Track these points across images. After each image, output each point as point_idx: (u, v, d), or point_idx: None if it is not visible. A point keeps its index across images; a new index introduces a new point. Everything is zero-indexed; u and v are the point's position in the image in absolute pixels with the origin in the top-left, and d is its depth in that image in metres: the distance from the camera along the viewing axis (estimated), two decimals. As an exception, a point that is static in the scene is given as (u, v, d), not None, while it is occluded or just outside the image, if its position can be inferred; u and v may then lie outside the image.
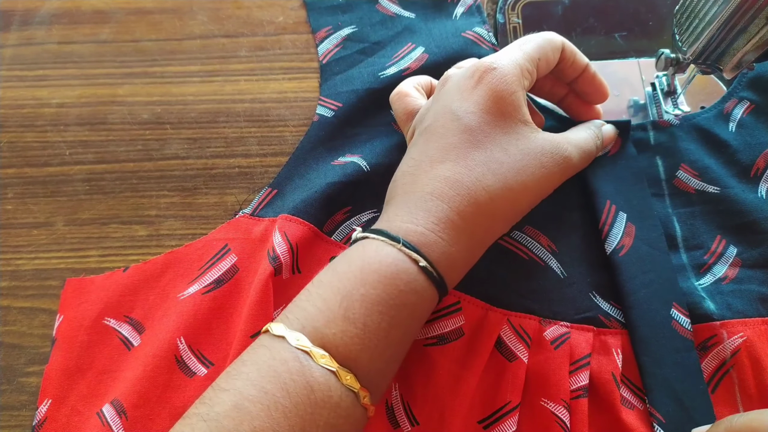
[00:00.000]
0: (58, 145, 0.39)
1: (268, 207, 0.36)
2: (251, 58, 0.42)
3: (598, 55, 0.42)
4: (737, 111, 0.37)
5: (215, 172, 0.38)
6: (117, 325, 0.33)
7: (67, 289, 0.35)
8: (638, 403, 0.30)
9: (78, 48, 0.42)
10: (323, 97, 0.39)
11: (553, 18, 0.43)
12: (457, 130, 0.29)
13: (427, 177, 0.29)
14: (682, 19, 0.34)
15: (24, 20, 0.44)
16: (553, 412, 0.29)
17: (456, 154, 0.29)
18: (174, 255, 0.35)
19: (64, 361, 0.33)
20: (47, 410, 0.32)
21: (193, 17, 0.43)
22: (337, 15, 0.42)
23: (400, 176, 0.30)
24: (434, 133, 0.30)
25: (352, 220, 0.35)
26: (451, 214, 0.28)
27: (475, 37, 0.40)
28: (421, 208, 0.28)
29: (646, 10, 0.43)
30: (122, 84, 0.41)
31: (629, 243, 0.33)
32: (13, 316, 0.35)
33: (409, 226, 0.27)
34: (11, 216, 0.38)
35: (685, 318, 0.31)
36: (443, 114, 0.30)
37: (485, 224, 0.29)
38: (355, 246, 0.28)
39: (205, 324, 0.32)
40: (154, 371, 0.31)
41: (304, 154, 0.37)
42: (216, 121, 0.40)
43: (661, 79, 0.40)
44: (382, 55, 0.40)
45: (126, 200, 0.38)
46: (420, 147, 0.30)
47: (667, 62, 0.37)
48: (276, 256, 0.32)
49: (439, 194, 0.28)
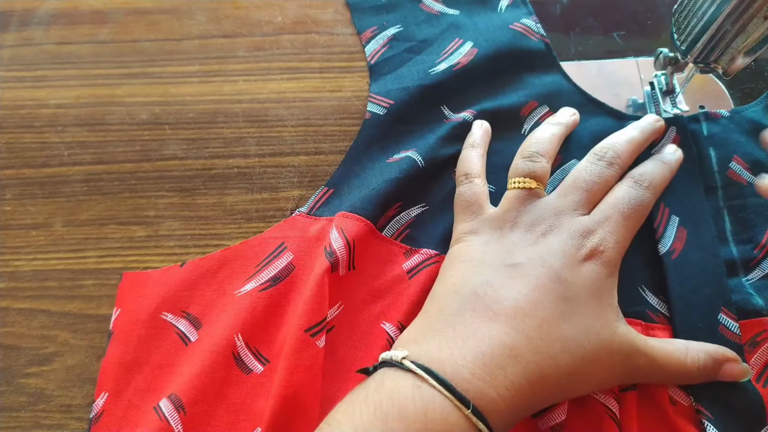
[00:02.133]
0: (57, 146, 0.39)
1: (324, 206, 0.36)
2: (249, 59, 0.42)
3: (596, 55, 0.42)
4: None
5: (214, 172, 0.38)
6: (174, 320, 0.33)
7: (124, 282, 0.35)
8: (685, 400, 0.31)
9: (76, 48, 0.42)
10: (374, 94, 0.39)
11: (552, 17, 0.43)
12: (554, 294, 0.28)
13: (507, 325, 0.26)
14: (681, 18, 0.34)
15: (22, 21, 0.44)
16: (603, 403, 0.29)
17: (543, 317, 0.27)
18: (230, 252, 0.35)
19: (121, 355, 0.32)
20: (104, 403, 0.32)
21: (192, 17, 0.43)
22: (382, 15, 0.42)
23: (469, 292, 0.28)
24: (526, 277, 0.28)
25: (401, 215, 0.35)
26: (523, 381, 0.25)
27: (523, 29, 0.40)
28: (497, 364, 0.25)
29: (644, 9, 0.43)
30: (121, 84, 0.41)
31: (680, 247, 0.33)
32: (12, 317, 0.35)
33: (481, 386, 0.24)
34: (9, 217, 0.37)
35: (734, 322, 0.31)
36: (541, 267, 0.29)
37: (544, 398, 0.27)
38: (412, 394, 0.24)
39: (262, 321, 0.32)
40: (213, 367, 0.31)
41: (358, 153, 0.37)
42: (214, 122, 0.40)
43: (660, 78, 0.40)
44: (430, 52, 0.40)
45: (124, 201, 0.38)
46: (503, 280, 0.28)
47: (665, 61, 0.37)
48: (332, 252, 0.32)
49: (518, 354, 0.26)
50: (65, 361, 0.34)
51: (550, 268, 0.29)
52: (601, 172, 0.32)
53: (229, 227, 0.37)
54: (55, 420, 0.33)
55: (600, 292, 0.29)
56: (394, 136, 0.37)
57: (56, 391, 0.33)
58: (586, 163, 0.33)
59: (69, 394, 0.33)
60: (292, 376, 0.29)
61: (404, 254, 0.34)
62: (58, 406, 0.33)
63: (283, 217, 0.37)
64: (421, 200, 0.35)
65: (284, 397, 0.29)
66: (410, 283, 0.33)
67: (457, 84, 0.38)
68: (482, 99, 0.38)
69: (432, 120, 0.38)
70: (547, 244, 0.30)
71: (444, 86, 0.38)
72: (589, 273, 0.29)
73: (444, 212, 0.35)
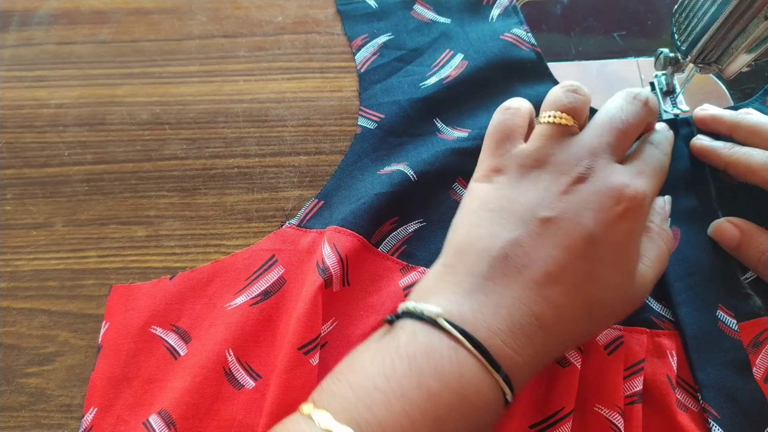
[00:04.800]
0: (57, 146, 0.39)
1: (315, 218, 0.35)
2: (250, 59, 0.42)
3: (597, 55, 0.42)
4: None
5: (214, 172, 0.38)
6: (164, 334, 0.33)
7: (113, 296, 0.34)
8: (693, 405, 0.30)
9: (77, 48, 0.42)
10: (364, 107, 0.39)
11: (553, 17, 0.43)
12: (584, 256, 0.26)
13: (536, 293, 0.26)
14: (681, 18, 0.34)
15: (23, 21, 0.44)
16: (607, 418, 0.29)
17: (572, 282, 0.26)
18: (220, 264, 0.34)
19: (110, 369, 0.32)
20: (93, 418, 0.31)
21: (192, 17, 0.43)
22: (373, 23, 0.42)
23: (498, 252, 0.27)
24: (557, 235, 0.27)
25: (398, 231, 0.35)
26: (545, 348, 0.26)
27: (514, 39, 0.40)
28: (525, 333, 0.25)
29: (645, 9, 0.43)
30: (121, 84, 0.41)
31: (674, 246, 0.33)
32: (13, 317, 0.35)
33: (511, 354, 0.25)
34: (10, 217, 0.38)
35: (731, 319, 0.31)
36: (574, 223, 0.27)
37: (560, 354, 0.29)
38: (449, 355, 0.24)
39: (253, 336, 0.32)
40: (204, 383, 0.30)
41: (349, 166, 0.37)
42: (215, 122, 0.40)
43: (660, 78, 0.40)
44: (420, 63, 0.40)
45: (125, 201, 0.38)
46: (533, 238, 0.27)
47: (666, 62, 0.37)
48: (326, 268, 0.32)
49: (544, 323, 0.26)
50: (65, 361, 0.34)
51: (584, 227, 0.27)
52: (637, 113, 0.30)
53: (229, 227, 0.37)
54: (55, 420, 0.33)
55: (628, 249, 0.28)
56: (386, 148, 0.37)
57: (56, 391, 0.33)
58: (621, 101, 0.30)
59: (69, 393, 0.33)
60: (286, 394, 0.29)
61: (400, 270, 0.34)
62: (58, 405, 0.33)
63: (283, 217, 0.37)
64: (417, 216, 0.35)
65: (277, 415, 0.28)
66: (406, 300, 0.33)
67: (448, 96, 0.38)
68: (475, 111, 0.38)
69: (425, 132, 0.37)
70: (583, 193, 0.28)
71: (436, 99, 0.38)
72: (622, 231, 0.27)
73: (442, 228, 0.34)
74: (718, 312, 0.31)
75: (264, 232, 0.36)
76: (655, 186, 0.29)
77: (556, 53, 0.42)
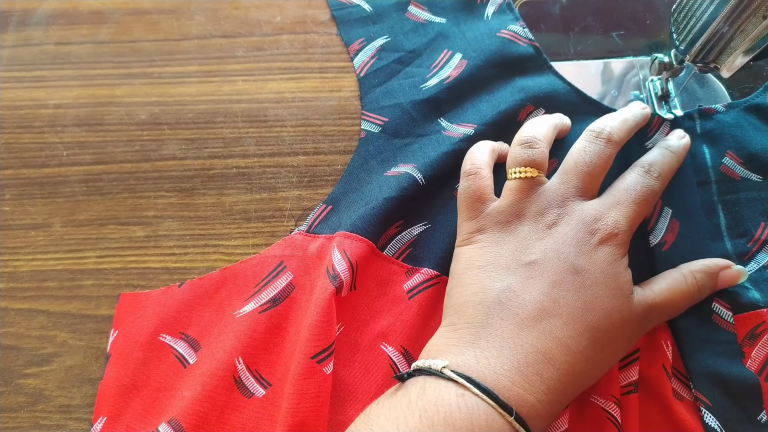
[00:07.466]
0: (56, 146, 0.39)
1: (323, 223, 0.35)
2: (249, 59, 0.42)
3: (595, 55, 0.42)
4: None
5: (213, 172, 0.38)
6: (173, 342, 0.33)
7: (121, 303, 0.34)
8: (688, 394, 0.31)
9: (75, 49, 0.42)
10: (366, 111, 0.39)
11: (551, 17, 0.43)
12: (573, 286, 0.28)
13: (536, 329, 0.27)
14: (680, 18, 0.34)
15: (21, 21, 0.44)
16: (603, 408, 0.29)
17: (568, 312, 0.27)
18: (229, 271, 0.34)
19: (119, 378, 0.32)
20: (102, 428, 0.31)
21: (191, 17, 0.43)
22: (368, 26, 0.42)
23: (492, 301, 0.28)
24: (544, 275, 0.28)
25: (403, 234, 0.35)
26: (558, 384, 0.26)
27: (511, 36, 0.40)
28: (533, 370, 0.26)
29: (643, 9, 0.43)
30: (120, 85, 0.41)
31: (672, 239, 0.33)
32: (11, 317, 0.35)
33: (522, 394, 0.25)
34: (9, 217, 0.37)
35: (727, 311, 0.31)
36: (557, 260, 0.29)
37: (575, 392, 0.28)
38: (457, 402, 0.25)
39: (263, 344, 0.32)
40: (213, 391, 0.30)
41: (356, 169, 0.37)
42: (213, 122, 0.40)
43: (655, 83, 0.40)
44: (419, 64, 0.40)
45: (123, 201, 0.38)
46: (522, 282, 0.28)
47: (660, 66, 0.37)
48: (336, 275, 0.31)
49: (551, 357, 0.26)
50: (64, 362, 0.34)
51: (566, 260, 0.29)
52: (601, 152, 0.31)
53: (228, 227, 0.37)
54: (54, 420, 0.33)
55: (616, 272, 0.29)
56: (392, 150, 0.37)
57: (55, 392, 0.33)
58: (584, 143, 0.32)
59: (68, 394, 0.33)
60: (299, 404, 0.29)
61: (405, 273, 0.34)
62: (57, 406, 0.33)
63: (282, 218, 0.37)
64: (422, 218, 0.35)
65: (291, 425, 0.28)
66: (410, 303, 0.33)
67: (451, 96, 0.38)
68: (479, 107, 0.38)
69: (430, 132, 0.37)
70: (560, 234, 0.30)
71: (438, 100, 0.38)
72: (605, 256, 0.29)
73: (447, 230, 0.34)
74: (713, 304, 0.32)
75: (263, 232, 0.36)
76: (630, 212, 0.30)
77: (554, 53, 0.42)
